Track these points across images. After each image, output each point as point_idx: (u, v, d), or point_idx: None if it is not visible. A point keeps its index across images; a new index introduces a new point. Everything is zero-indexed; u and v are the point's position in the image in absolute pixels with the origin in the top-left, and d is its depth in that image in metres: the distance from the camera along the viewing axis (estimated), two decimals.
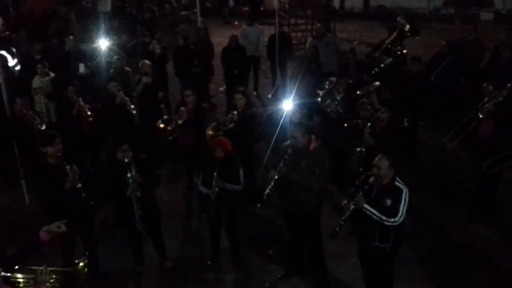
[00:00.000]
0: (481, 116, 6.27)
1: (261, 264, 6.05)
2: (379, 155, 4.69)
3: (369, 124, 6.32)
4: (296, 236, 5.62)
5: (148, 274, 5.93)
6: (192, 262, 6.14)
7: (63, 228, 4.00)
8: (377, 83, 7.18)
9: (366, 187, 4.67)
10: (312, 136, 5.19)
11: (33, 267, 3.79)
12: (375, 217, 4.54)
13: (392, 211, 4.54)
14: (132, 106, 7.63)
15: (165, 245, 5.98)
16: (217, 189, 5.54)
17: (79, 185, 5.15)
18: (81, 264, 3.90)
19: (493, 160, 6.22)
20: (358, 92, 7.09)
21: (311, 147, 5.10)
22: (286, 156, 5.05)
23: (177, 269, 6.00)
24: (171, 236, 6.33)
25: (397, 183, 4.67)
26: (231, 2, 20.09)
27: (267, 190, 5.05)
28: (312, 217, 5.36)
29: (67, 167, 5.15)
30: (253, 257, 6.14)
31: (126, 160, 5.29)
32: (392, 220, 4.53)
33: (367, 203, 4.56)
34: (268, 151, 7.03)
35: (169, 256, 6.07)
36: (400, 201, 4.57)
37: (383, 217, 4.52)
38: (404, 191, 4.62)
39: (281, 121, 6.52)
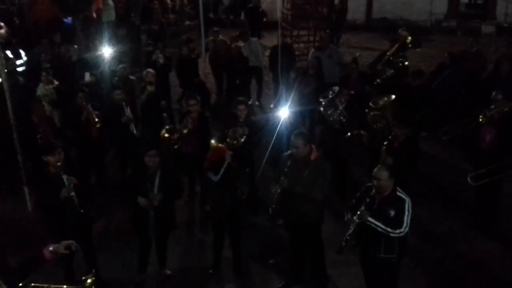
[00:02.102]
0: (481, 119, 6.30)
1: (262, 273, 6.04)
2: (378, 166, 4.71)
3: (385, 142, 6.25)
4: (297, 246, 5.62)
5: (149, 283, 5.92)
6: (193, 271, 6.13)
7: (73, 248, 3.96)
8: (393, 96, 7.13)
9: (368, 199, 4.65)
10: (313, 146, 5.21)
11: (38, 285, 3.76)
12: (380, 229, 4.54)
13: (397, 222, 4.55)
14: (134, 131, 7.67)
15: (167, 252, 5.99)
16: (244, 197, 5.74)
17: (72, 193, 5.17)
18: (88, 281, 3.78)
19: (478, 173, 6.27)
20: (371, 104, 7.08)
21: (312, 156, 5.11)
22: (286, 170, 5.07)
23: (178, 277, 5.99)
24: (172, 244, 6.30)
25: (399, 194, 4.67)
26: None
27: (273, 205, 5.12)
28: (314, 228, 5.37)
29: (64, 176, 5.18)
30: (254, 267, 6.14)
31: (151, 165, 5.36)
32: (398, 231, 4.53)
33: (371, 215, 4.55)
34: (264, 159, 7.02)
35: (171, 265, 6.07)
36: (404, 212, 4.58)
37: (389, 229, 4.53)
38: (407, 201, 4.62)
39: (277, 129, 6.54)
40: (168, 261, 6.04)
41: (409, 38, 9.05)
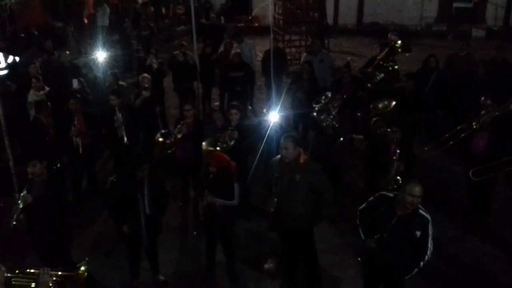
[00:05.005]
0: (475, 126, 6.31)
1: (255, 278, 6.03)
2: (412, 183, 4.37)
3: (398, 151, 6.12)
4: (291, 251, 5.61)
5: None
6: (187, 276, 6.12)
7: None
8: (394, 101, 7.06)
9: (384, 212, 4.47)
10: (301, 149, 5.21)
11: (33, 270, 3.80)
12: (416, 270, 4.50)
13: (422, 246, 4.42)
14: (125, 140, 7.61)
15: (158, 258, 5.97)
16: (204, 203, 5.60)
17: (14, 218, 5.21)
18: (82, 268, 3.86)
19: (480, 168, 6.26)
20: (371, 108, 7.06)
21: (302, 159, 5.10)
22: (276, 175, 5.08)
23: (171, 283, 5.98)
24: (166, 249, 6.31)
25: (421, 211, 4.43)
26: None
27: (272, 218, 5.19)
28: (307, 232, 5.37)
29: (23, 193, 5.27)
30: (248, 272, 6.13)
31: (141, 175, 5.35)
32: (426, 258, 4.46)
33: (389, 232, 4.41)
34: (255, 163, 7.03)
35: (164, 270, 6.05)
36: (428, 233, 4.40)
37: (421, 263, 4.46)
38: (430, 221, 4.42)
39: (267, 132, 6.54)
40: (162, 266, 6.02)
41: (399, 42, 9.08)
